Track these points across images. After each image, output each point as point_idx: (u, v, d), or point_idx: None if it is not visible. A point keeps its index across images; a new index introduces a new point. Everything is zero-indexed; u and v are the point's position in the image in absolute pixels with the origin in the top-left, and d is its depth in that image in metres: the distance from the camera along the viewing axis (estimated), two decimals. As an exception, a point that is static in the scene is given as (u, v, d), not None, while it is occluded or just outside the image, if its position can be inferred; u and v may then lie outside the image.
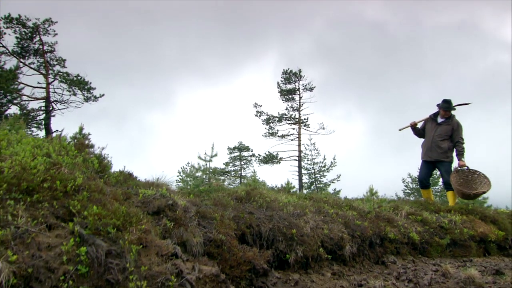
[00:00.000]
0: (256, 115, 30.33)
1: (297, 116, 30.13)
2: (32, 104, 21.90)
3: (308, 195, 5.70)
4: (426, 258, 4.97)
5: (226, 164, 31.76)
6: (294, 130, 30.03)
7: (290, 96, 30.22)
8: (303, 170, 29.58)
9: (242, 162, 32.26)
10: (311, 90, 30.02)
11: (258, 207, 4.31)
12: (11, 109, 20.13)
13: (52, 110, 21.77)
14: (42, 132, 21.19)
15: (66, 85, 21.76)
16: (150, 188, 3.37)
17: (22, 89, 21.13)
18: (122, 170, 4.09)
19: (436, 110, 7.35)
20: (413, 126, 7.51)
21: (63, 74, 21.71)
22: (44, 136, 17.13)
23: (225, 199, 4.23)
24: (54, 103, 21.94)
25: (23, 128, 4.77)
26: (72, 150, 3.35)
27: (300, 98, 30.18)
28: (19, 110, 20.26)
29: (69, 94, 22.00)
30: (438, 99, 7.32)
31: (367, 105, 61.60)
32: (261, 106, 30.21)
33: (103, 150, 4.02)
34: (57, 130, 20.10)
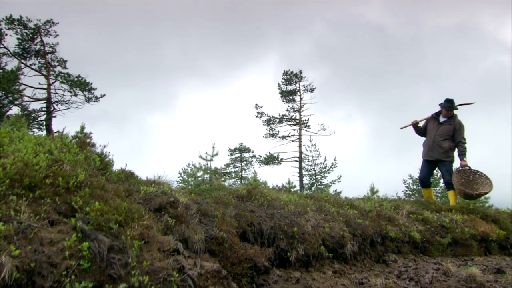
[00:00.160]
0: (256, 116, 30.37)
1: (297, 117, 30.13)
2: (33, 105, 21.96)
3: (309, 194, 5.70)
4: (427, 257, 4.96)
5: (227, 165, 31.75)
6: (294, 131, 30.04)
7: (290, 97, 30.22)
8: (304, 171, 29.55)
9: (242, 164, 32.24)
10: (312, 91, 30.05)
11: (259, 206, 4.31)
12: (13, 110, 20.19)
13: (53, 111, 21.84)
14: (43, 133, 21.20)
15: (67, 86, 21.82)
16: (152, 185, 3.38)
17: (24, 90, 21.22)
18: (123, 168, 4.10)
19: (438, 109, 7.34)
20: (414, 124, 7.49)
21: (64, 75, 21.77)
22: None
23: (226, 198, 4.24)
24: (55, 104, 22.02)
25: (25, 126, 4.78)
26: (74, 148, 3.35)
27: (300, 99, 30.19)
28: (20, 111, 20.28)
29: (70, 95, 22.11)
30: (438, 100, 7.30)
31: (368, 106, 61.66)
32: (261, 107, 30.26)
33: (105, 148, 4.03)
34: (58, 131, 20.07)
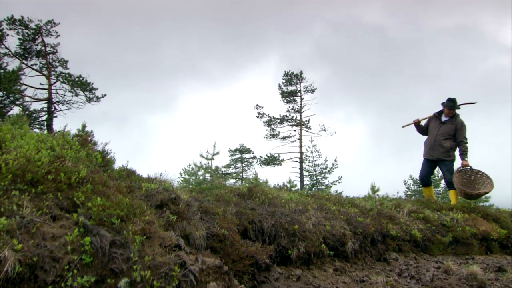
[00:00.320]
0: (257, 117, 30.35)
1: (298, 117, 30.10)
2: (34, 105, 21.96)
3: (310, 193, 5.70)
4: (428, 256, 4.96)
5: (227, 166, 31.73)
6: (295, 132, 29.99)
7: (291, 98, 30.21)
8: (305, 172, 29.51)
9: (243, 164, 32.23)
10: (312, 92, 30.02)
11: (260, 204, 4.31)
12: (14, 110, 20.21)
13: (54, 111, 21.87)
14: (44, 133, 21.20)
15: (68, 86, 21.84)
16: (153, 182, 3.38)
17: (25, 90, 21.22)
18: (125, 166, 4.11)
19: (440, 108, 7.33)
20: (416, 123, 7.49)
21: (65, 75, 21.79)
22: (46, 136, 17.12)
23: (227, 196, 4.24)
24: (56, 104, 22.04)
25: (27, 124, 4.79)
26: (75, 145, 3.36)
27: (301, 99, 30.17)
28: (22, 111, 20.29)
29: (71, 95, 22.12)
30: (439, 101, 7.29)
31: (368, 106, 61.66)
32: (262, 108, 30.25)
33: (106, 145, 4.03)
34: (59, 131, 20.10)
